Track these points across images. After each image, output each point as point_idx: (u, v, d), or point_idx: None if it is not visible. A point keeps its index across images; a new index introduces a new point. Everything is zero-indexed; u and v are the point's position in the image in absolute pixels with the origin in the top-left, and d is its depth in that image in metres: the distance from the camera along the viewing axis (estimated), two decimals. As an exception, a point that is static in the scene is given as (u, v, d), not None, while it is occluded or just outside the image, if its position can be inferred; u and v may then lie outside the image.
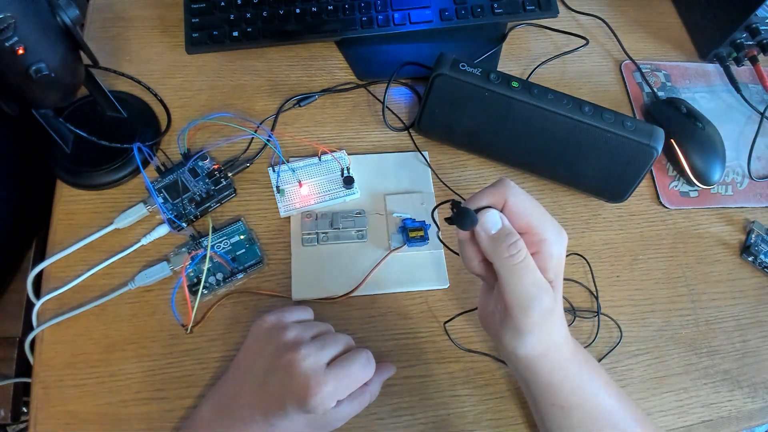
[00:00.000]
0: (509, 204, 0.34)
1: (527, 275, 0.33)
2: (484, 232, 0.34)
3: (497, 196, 0.34)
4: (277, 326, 0.39)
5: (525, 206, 0.34)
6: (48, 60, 0.37)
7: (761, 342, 0.49)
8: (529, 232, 0.34)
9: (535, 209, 0.34)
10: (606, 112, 0.47)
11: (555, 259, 0.34)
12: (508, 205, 0.34)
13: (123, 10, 0.58)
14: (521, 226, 0.34)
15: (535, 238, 0.34)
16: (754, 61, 0.61)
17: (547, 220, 0.34)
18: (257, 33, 0.55)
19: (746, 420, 0.46)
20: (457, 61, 0.48)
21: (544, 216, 0.34)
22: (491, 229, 0.34)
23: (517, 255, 0.33)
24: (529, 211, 0.34)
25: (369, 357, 0.38)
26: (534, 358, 0.36)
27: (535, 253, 0.34)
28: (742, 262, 0.53)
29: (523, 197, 0.34)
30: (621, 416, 0.38)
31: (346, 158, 0.51)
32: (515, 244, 0.33)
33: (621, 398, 0.39)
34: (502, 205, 0.34)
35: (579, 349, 0.38)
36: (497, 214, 0.34)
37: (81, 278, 0.44)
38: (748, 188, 0.57)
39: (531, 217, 0.34)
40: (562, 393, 0.37)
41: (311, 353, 0.36)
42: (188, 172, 0.48)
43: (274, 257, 0.47)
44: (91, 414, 0.41)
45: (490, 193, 0.34)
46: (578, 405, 0.37)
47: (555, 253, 0.34)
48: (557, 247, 0.34)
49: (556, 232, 0.34)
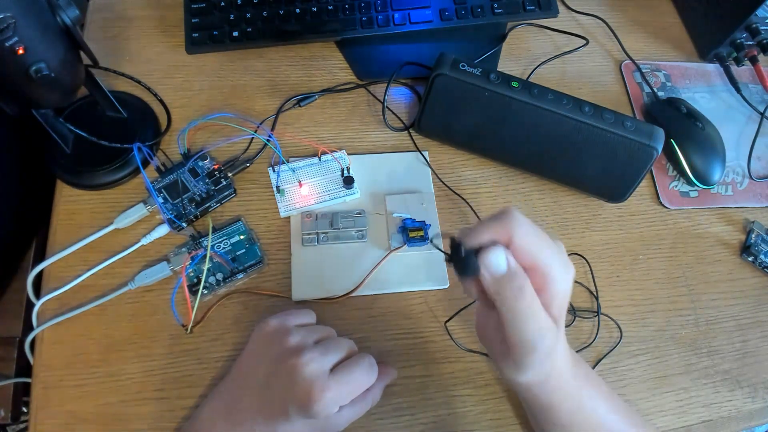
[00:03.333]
0: (516, 240, 0.31)
1: (533, 319, 0.31)
2: (489, 274, 0.31)
3: (502, 231, 0.31)
4: (280, 330, 0.39)
5: (532, 242, 0.31)
6: (48, 60, 0.37)
7: (761, 342, 0.49)
8: (535, 269, 0.31)
9: (543, 245, 0.32)
10: (606, 112, 0.47)
11: (561, 297, 0.32)
12: (514, 241, 0.31)
13: (123, 10, 0.58)
14: (527, 262, 0.31)
15: (541, 276, 0.31)
16: (754, 61, 0.61)
17: (554, 256, 0.32)
18: (257, 33, 0.55)
19: (746, 420, 0.46)
20: (457, 61, 0.48)
21: (551, 251, 0.32)
22: (496, 271, 0.31)
23: (522, 300, 0.31)
24: (537, 247, 0.31)
25: (372, 363, 0.38)
26: (534, 386, 0.35)
27: (540, 290, 0.32)
28: (742, 262, 0.53)
29: (531, 231, 0.31)
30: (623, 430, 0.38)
31: (346, 158, 0.51)
32: (522, 288, 0.31)
33: (623, 412, 0.38)
34: (507, 239, 0.31)
35: (579, 365, 0.37)
36: (503, 254, 0.31)
37: (81, 278, 0.44)
38: (748, 188, 0.57)
39: (538, 254, 0.31)
40: (562, 413, 0.37)
41: (315, 358, 0.36)
42: (188, 172, 0.48)
43: (274, 257, 0.47)
44: (91, 414, 0.41)
45: (494, 226, 0.31)
46: (579, 423, 0.37)
47: (561, 290, 0.32)
48: (564, 284, 0.32)
49: (564, 269, 0.32)
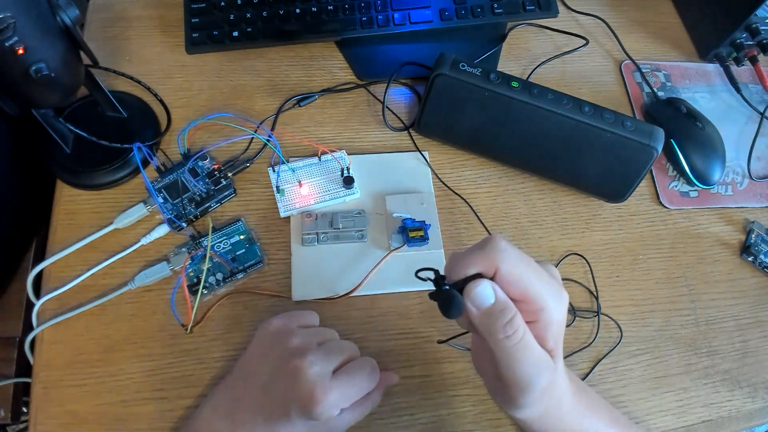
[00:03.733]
0: (502, 271, 0.29)
1: (525, 356, 0.29)
2: (476, 309, 0.29)
3: (487, 262, 0.29)
4: (283, 331, 0.39)
5: (520, 272, 0.29)
6: (48, 60, 0.37)
7: (761, 342, 0.49)
8: (525, 300, 0.30)
9: (532, 274, 0.30)
10: (606, 112, 0.47)
11: (555, 326, 0.30)
12: (500, 272, 0.29)
13: (123, 10, 0.58)
14: (516, 294, 0.30)
15: (532, 307, 0.30)
16: (754, 61, 0.61)
17: (545, 284, 0.30)
18: (257, 33, 0.55)
19: (746, 420, 0.46)
20: (457, 61, 0.48)
21: (541, 280, 0.30)
22: (482, 305, 0.29)
23: (513, 335, 0.29)
24: (525, 277, 0.29)
25: (374, 367, 0.38)
26: (533, 421, 0.34)
27: (532, 322, 0.30)
28: (742, 262, 0.53)
29: (518, 261, 0.29)
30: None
31: (346, 158, 0.51)
32: (511, 323, 0.29)
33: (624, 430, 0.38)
34: (493, 271, 0.29)
35: (581, 393, 0.36)
36: (489, 287, 0.29)
37: (81, 278, 0.44)
38: (748, 188, 0.57)
39: (528, 284, 0.29)
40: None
41: (317, 361, 0.36)
42: (188, 172, 0.48)
43: (274, 257, 0.47)
44: (91, 414, 0.41)
45: (478, 257, 0.29)
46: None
47: (555, 320, 0.30)
48: (558, 314, 0.30)
49: (556, 298, 0.30)
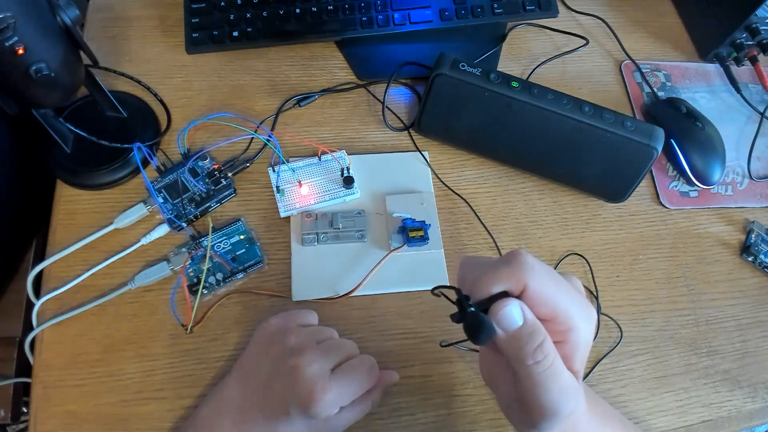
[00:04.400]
0: (530, 290, 0.27)
1: (555, 383, 0.27)
2: (503, 331, 0.27)
3: (514, 279, 0.27)
4: (282, 330, 0.39)
5: (549, 291, 0.27)
6: (48, 60, 0.37)
7: (761, 342, 0.49)
8: (554, 320, 0.28)
9: (561, 290, 0.28)
10: (606, 112, 0.47)
11: (583, 348, 0.29)
12: (528, 290, 0.27)
13: (123, 10, 0.58)
14: (545, 313, 0.28)
15: (561, 327, 0.28)
16: (754, 61, 0.61)
17: (575, 303, 0.28)
18: (257, 33, 0.55)
19: (746, 420, 0.46)
20: (457, 61, 0.48)
21: (571, 299, 0.28)
22: (511, 328, 0.27)
23: (543, 361, 0.27)
24: (555, 295, 0.28)
25: (373, 365, 0.38)
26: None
27: (560, 342, 0.28)
28: (742, 262, 0.53)
29: (547, 277, 0.28)
30: None
31: (346, 158, 0.51)
32: (541, 348, 0.27)
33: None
34: (520, 289, 0.27)
35: (595, 405, 0.35)
36: (518, 308, 0.27)
37: (81, 278, 0.44)
38: (748, 188, 0.57)
39: (557, 303, 0.28)
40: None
41: (316, 359, 0.36)
42: (188, 172, 0.48)
43: (274, 257, 0.47)
44: (91, 414, 0.41)
45: (504, 274, 0.27)
46: None
47: (584, 341, 0.29)
48: (586, 334, 0.29)
49: (586, 318, 0.29)
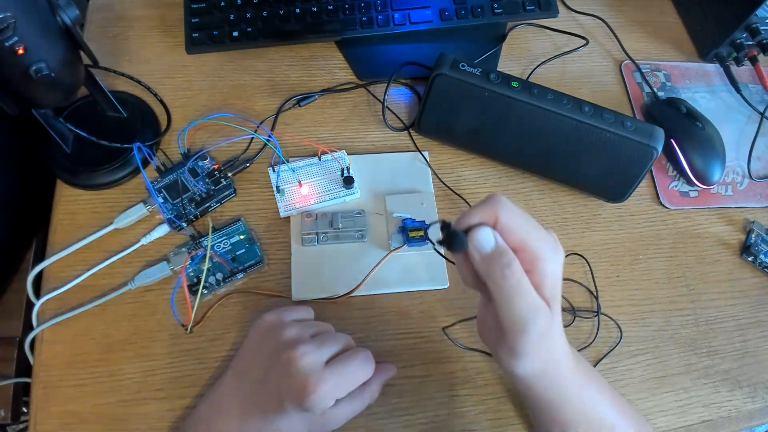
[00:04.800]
0: (501, 220, 0.32)
1: (522, 297, 0.31)
2: (477, 252, 0.32)
3: (488, 213, 0.32)
4: (276, 325, 0.39)
5: (518, 222, 0.32)
6: (48, 60, 0.37)
7: (761, 342, 0.49)
8: (523, 250, 0.32)
9: (529, 225, 0.32)
10: (606, 112, 0.47)
11: (550, 277, 0.32)
12: (500, 221, 0.32)
13: (123, 10, 0.58)
14: (515, 243, 0.32)
15: (529, 256, 0.32)
16: (754, 61, 0.61)
17: (542, 237, 0.32)
18: (257, 33, 0.55)
19: (746, 420, 0.46)
20: (457, 61, 0.48)
21: (538, 232, 0.32)
22: (483, 248, 0.32)
23: (510, 276, 0.31)
24: (523, 227, 0.32)
25: (368, 356, 0.38)
26: (532, 378, 0.35)
27: (529, 271, 0.32)
28: (742, 262, 0.53)
29: (516, 213, 0.32)
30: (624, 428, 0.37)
31: (346, 158, 0.51)
32: (509, 265, 0.31)
33: (626, 412, 0.38)
34: (494, 221, 0.32)
35: (580, 363, 0.37)
36: (490, 232, 0.32)
37: (81, 278, 0.44)
38: (748, 188, 0.57)
39: (525, 234, 0.32)
40: (563, 412, 0.36)
41: (310, 351, 0.36)
42: (188, 172, 0.48)
43: (274, 257, 0.47)
44: (91, 414, 0.41)
45: (480, 210, 0.32)
46: (579, 423, 0.36)
47: (550, 271, 0.32)
48: (552, 265, 0.32)
49: (552, 250, 0.32)
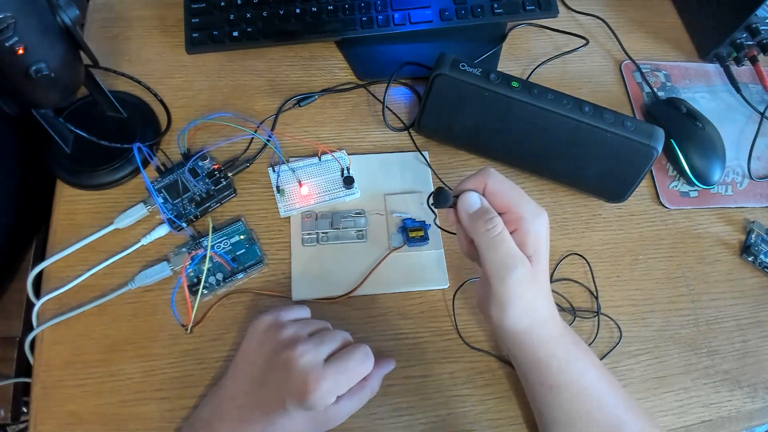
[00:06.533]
0: (488, 186, 0.37)
1: (502, 247, 0.35)
2: (464, 212, 0.37)
3: (478, 182, 0.37)
4: (274, 325, 0.39)
5: (503, 188, 0.37)
6: (48, 60, 0.37)
7: (761, 342, 0.49)
8: (508, 212, 0.37)
9: (513, 190, 0.37)
10: (606, 112, 0.47)
11: (533, 236, 0.36)
12: (487, 187, 0.37)
13: (123, 10, 0.58)
14: (500, 206, 0.37)
15: (513, 217, 0.36)
16: (754, 61, 0.61)
17: (524, 200, 0.37)
18: (257, 33, 0.55)
19: (746, 420, 0.46)
20: (457, 61, 0.48)
21: (521, 197, 0.37)
22: (470, 208, 0.37)
23: (492, 229, 0.35)
24: (507, 192, 0.37)
25: (367, 351, 0.38)
26: (519, 333, 0.38)
27: (514, 231, 0.36)
28: (742, 262, 0.53)
29: (502, 180, 0.37)
30: (611, 401, 0.39)
31: (346, 158, 0.51)
32: (491, 220, 0.36)
33: (611, 383, 0.39)
34: (482, 188, 0.37)
35: (569, 332, 0.40)
36: (476, 195, 0.37)
37: (81, 278, 0.44)
38: (748, 188, 0.57)
39: (509, 198, 0.37)
40: (549, 372, 0.38)
41: (309, 349, 0.36)
42: (188, 172, 0.48)
43: (274, 257, 0.47)
44: (91, 414, 0.41)
45: (471, 179, 0.38)
46: (566, 385, 0.38)
47: (532, 230, 0.36)
48: (534, 224, 0.36)
49: (533, 211, 0.37)
